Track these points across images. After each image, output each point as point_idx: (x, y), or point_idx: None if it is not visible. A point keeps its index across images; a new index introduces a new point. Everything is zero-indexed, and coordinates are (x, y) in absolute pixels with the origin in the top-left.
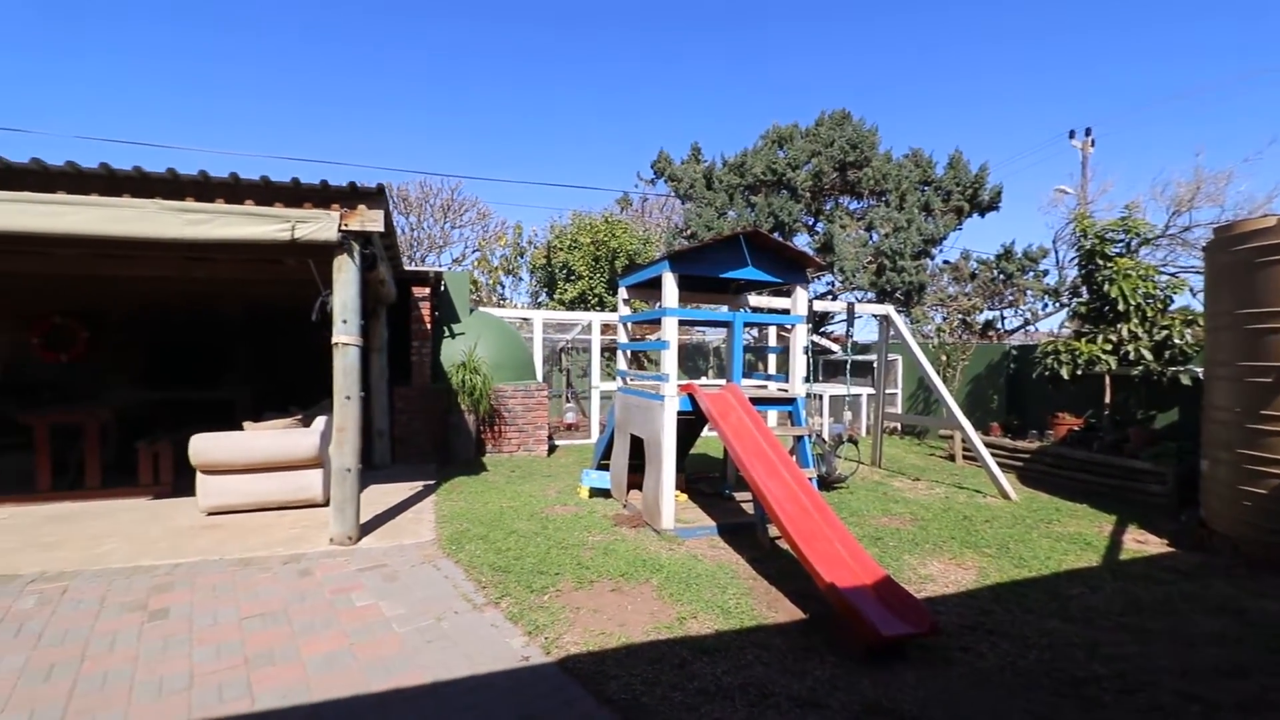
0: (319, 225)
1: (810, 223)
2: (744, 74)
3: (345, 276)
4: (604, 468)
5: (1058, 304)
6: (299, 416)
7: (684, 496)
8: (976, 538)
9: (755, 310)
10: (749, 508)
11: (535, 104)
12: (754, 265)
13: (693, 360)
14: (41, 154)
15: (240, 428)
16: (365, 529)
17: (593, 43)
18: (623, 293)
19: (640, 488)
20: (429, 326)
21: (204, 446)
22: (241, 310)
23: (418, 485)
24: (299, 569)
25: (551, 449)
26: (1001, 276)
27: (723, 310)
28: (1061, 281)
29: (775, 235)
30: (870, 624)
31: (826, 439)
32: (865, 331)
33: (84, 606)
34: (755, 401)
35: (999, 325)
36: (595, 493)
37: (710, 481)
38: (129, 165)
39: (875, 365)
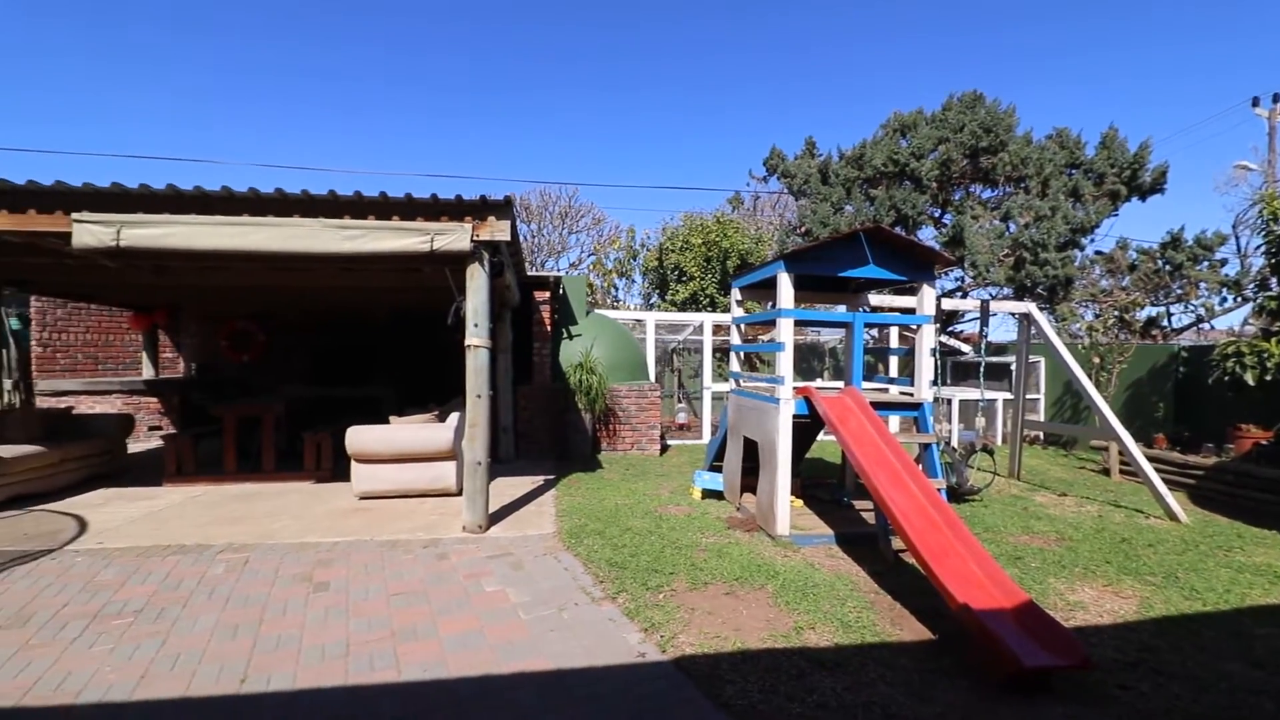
0: (454, 237)
1: (937, 215)
2: (862, 61)
3: (476, 283)
4: (716, 469)
5: (1239, 298)
6: (435, 412)
7: (799, 502)
8: (1137, 563)
9: (876, 310)
10: (870, 517)
11: (648, 106)
12: (875, 263)
13: (807, 361)
14: (228, 182)
15: (386, 422)
16: (494, 519)
17: (701, 35)
18: (736, 294)
19: (754, 491)
20: (549, 328)
21: (357, 438)
22: (388, 315)
23: (539, 479)
24: (436, 553)
25: (664, 449)
26: (1168, 268)
27: (841, 310)
28: (1244, 272)
29: (898, 230)
30: (1010, 652)
31: (956, 447)
32: (1000, 331)
33: (261, 576)
34: (877, 406)
35: (1164, 323)
36: (708, 494)
37: (827, 488)
38: (297, 188)
39: (1013, 368)
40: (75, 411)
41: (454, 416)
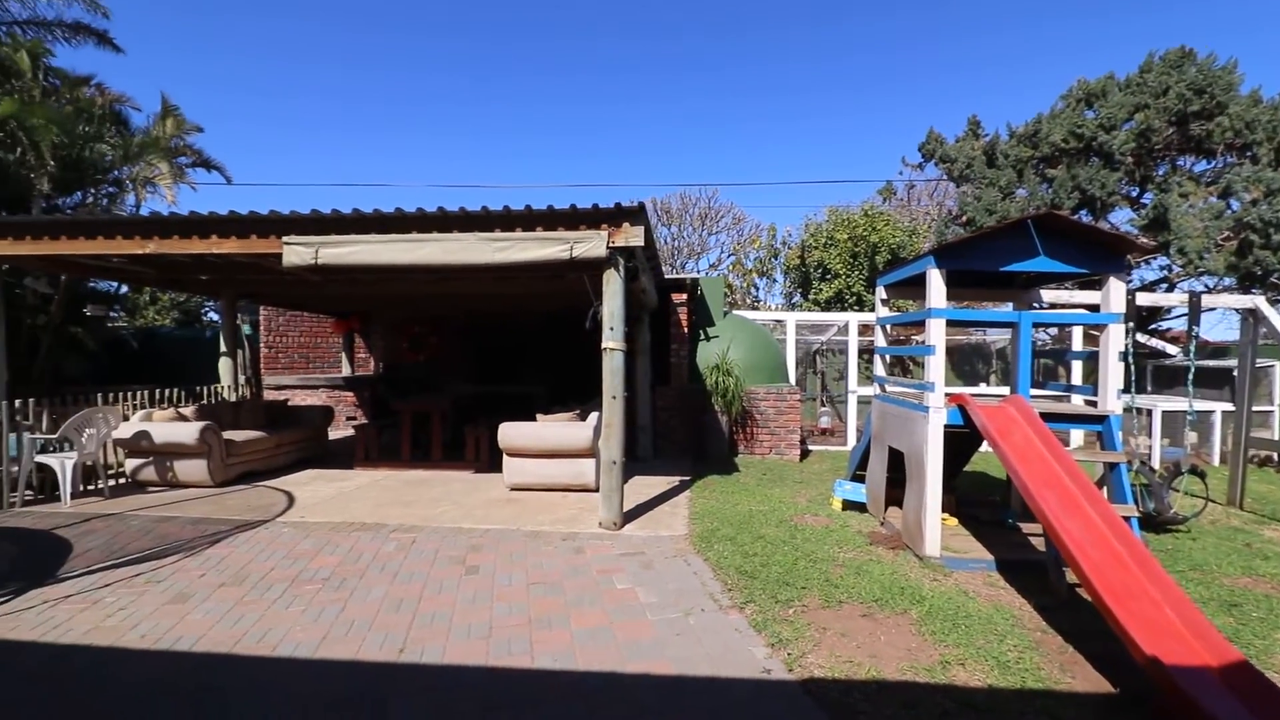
0: (591, 244)
1: (1133, 194)
2: (1034, 27)
3: (612, 288)
4: (859, 479)
5: None
6: (577, 411)
7: (954, 521)
8: None
9: (1052, 308)
10: (1040, 543)
11: (789, 91)
12: (1047, 254)
13: (969, 364)
14: (401, 204)
15: (534, 419)
16: (628, 516)
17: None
18: (881, 292)
19: (900, 505)
20: (686, 330)
21: (507, 433)
22: (539, 319)
23: (674, 480)
24: (573, 546)
25: (804, 454)
26: None
27: (1006, 309)
28: None
29: (1081, 216)
30: None
31: (1157, 467)
32: (1220, 329)
33: (424, 555)
34: (1049, 417)
35: None
36: (849, 505)
37: (989, 506)
38: (456, 206)
39: (1235, 374)
40: (290, 403)
41: (594, 415)
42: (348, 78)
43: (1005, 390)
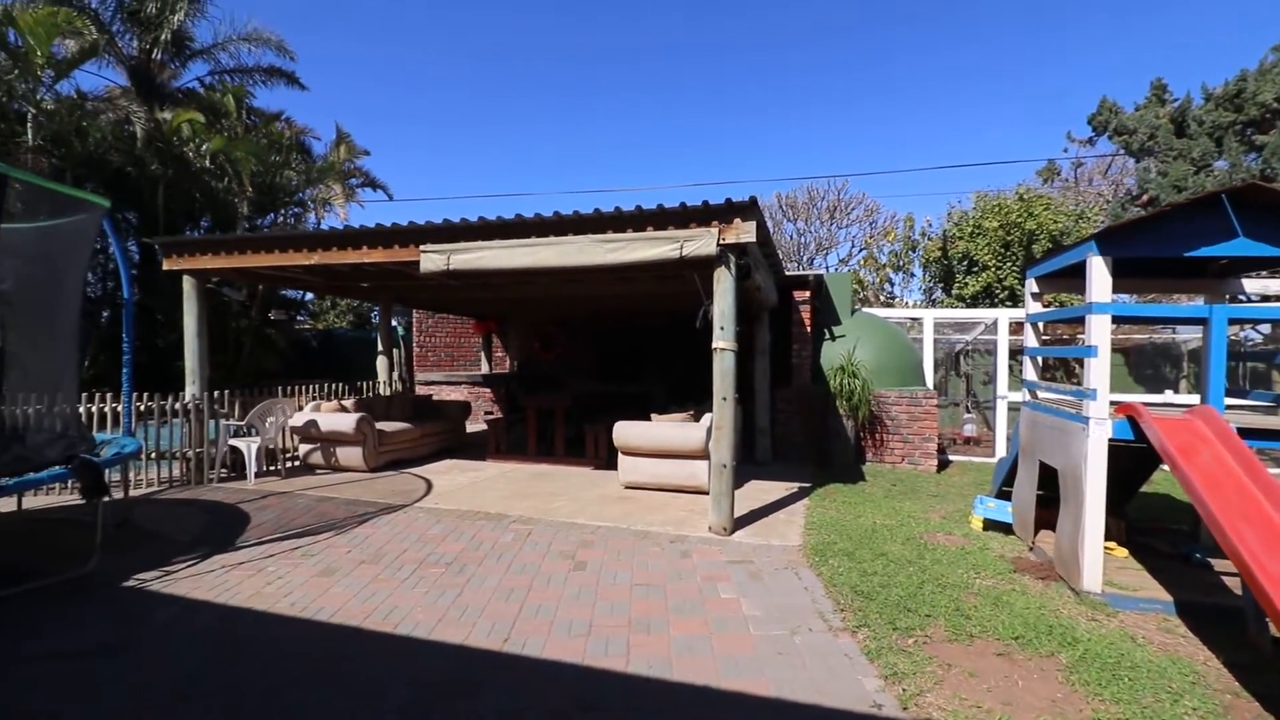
0: (701, 242)
1: None
2: None
3: (723, 287)
4: (1006, 496)
5: None
6: (691, 412)
7: (1122, 552)
8: None
9: (1262, 300)
10: (1236, 584)
11: (929, 75)
12: (1249, 235)
13: (1152, 367)
14: (540, 210)
15: (649, 419)
16: (739, 522)
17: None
18: (1031, 285)
19: (1053, 528)
20: (809, 329)
21: (622, 432)
22: (658, 318)
23: (793, 486)
24: (680, 550)
25: (942, 464)
26: None
27: (1197, 303)
28: None
29: None
30: None
31: None
32: None
33: (538, 548)
34: (1249, 434)
35: None
36: (991, 525)
37: (1169, 536)
38: (590, 207)
39: None
40: (435, 398)
41: (708, 417)
42: (476, 103)
43: (1195, 399)
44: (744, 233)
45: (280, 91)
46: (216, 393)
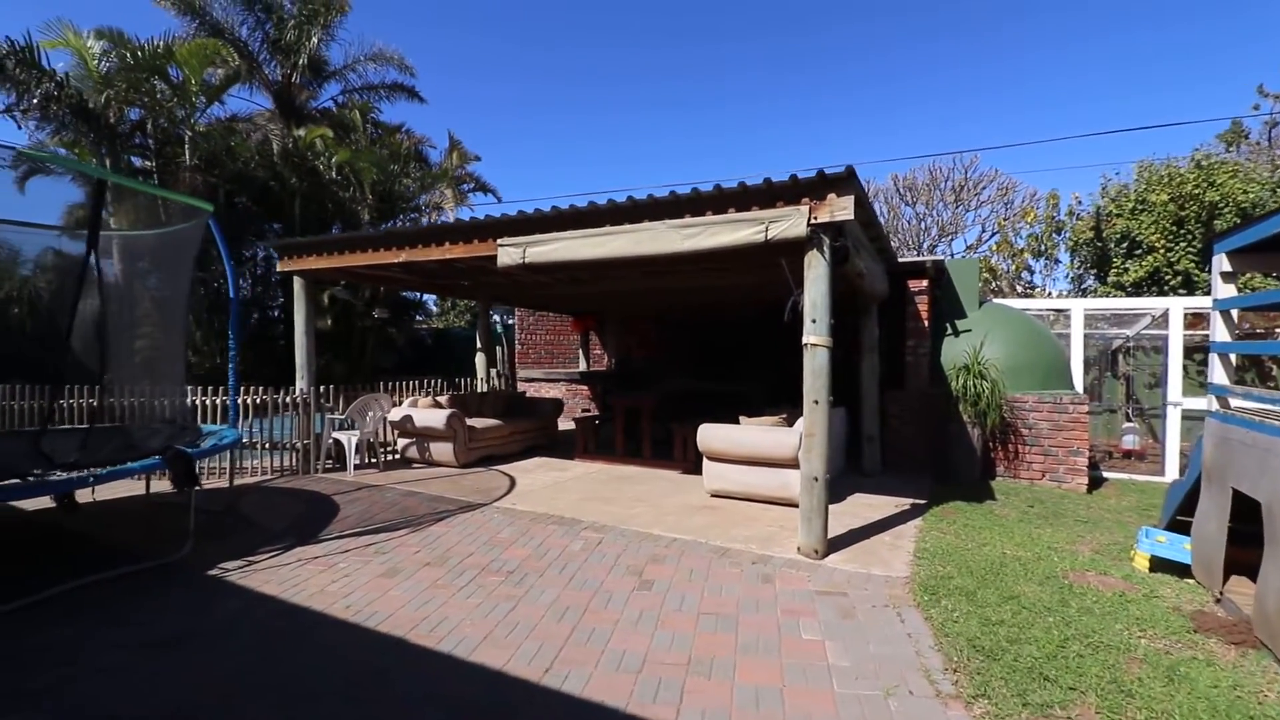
0: (789, 223)
1: None
2: None
3: (815, 273)
4: (1181, 527)
5: None
6: (784, 415)
7: None
8: None
9: None
10: None
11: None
12: None
13: None
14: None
15: (737, 421)
16: (834, 544)
17: None
18: (1222, 263)
19: (1248, 574)
20: (926, 323)
21: (707, 435)
22: (753, 311)
23: (904, 502)
24: (762, 573)
25: (1094, 483)
26: None
27: None
28: None
29: None
30: None
31: None
32: None
33: (605, 560)
34: None
35: None
36: (1161, 564)
37: None
38: (643, 194)
39: None
40: (533, 395)
41: (801, 421)
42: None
43: None
44: (839, 209)
45: (401, 105)
46: (324, 387)
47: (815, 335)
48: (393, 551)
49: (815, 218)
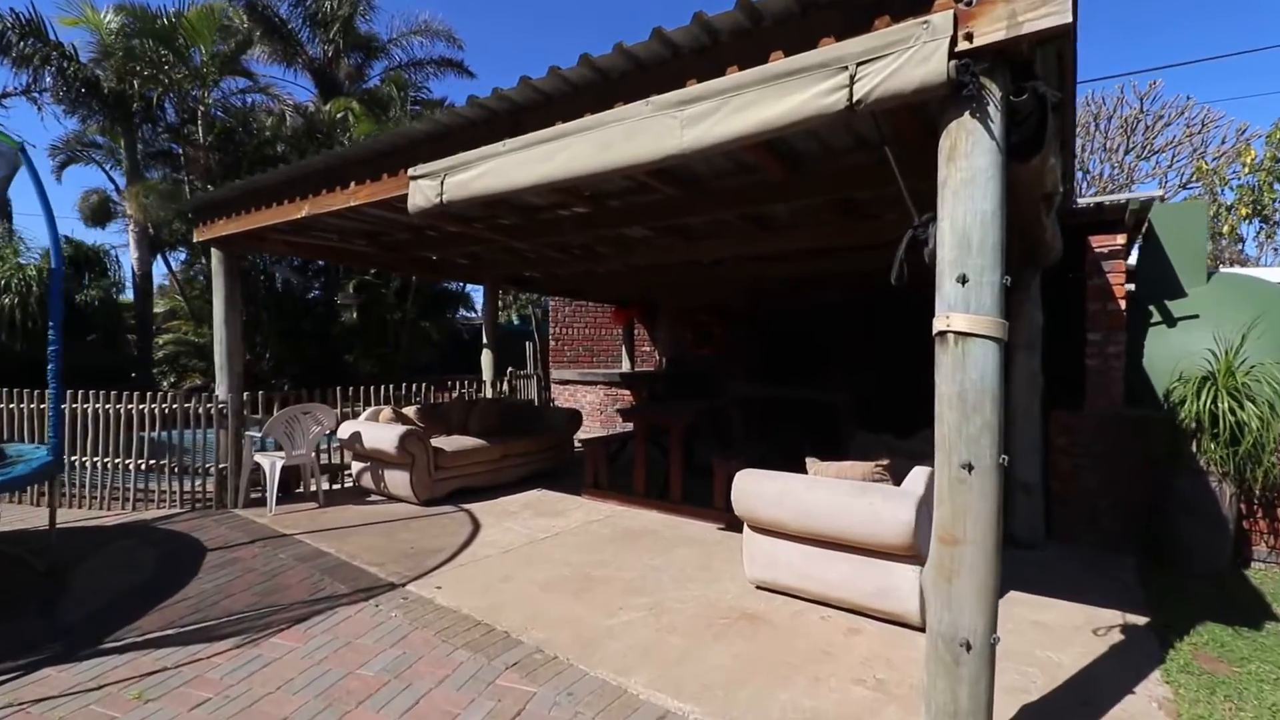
0: (904, 56)
1: None
2: None
3: (964, 172)
4: None
5: None
6: (881, 463)
7: None
8: None
9: None
10: None
11: None
12: None
13: None
14: None
15: (802, 462)
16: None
17: None
18: None
19: None
20: (1121, 305)
21: (750, 490)
22: (840, 295)
23: (1105, 619)
24: None
25: None
26: None
27: None
28: None
29: None
30: None
31: None
32: None
33: None
34: None
35: None
36: None
37: None
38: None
39: None
40: (556, 402)
41: (920, 473)
42: None
43: None
44: (1031, 13)
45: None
46: (247, 394)
47: (965, 311)
48: (182, 689)
49: (969, 35)
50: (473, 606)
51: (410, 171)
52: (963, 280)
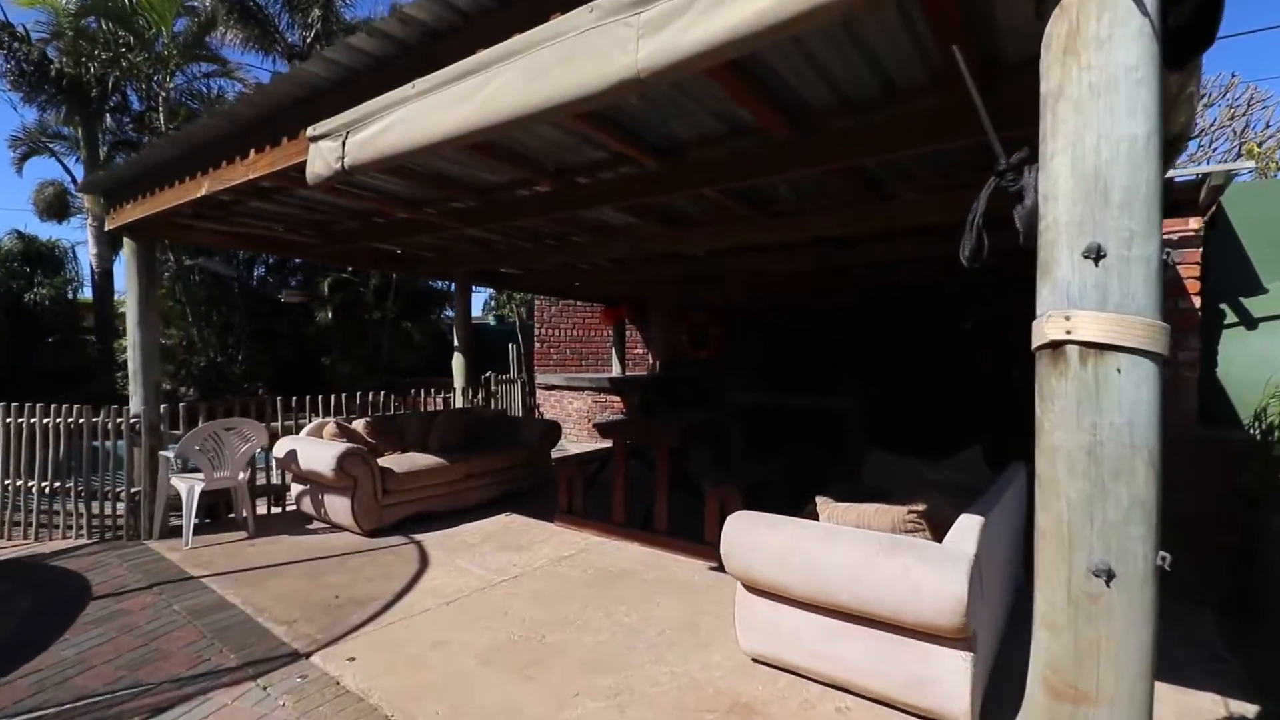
0: None
1: None
2: None
3: (1096, 64)
4: None
5: None
6: (917, 508)
7: None
8: None
9: None
10: None
11: None
12: None
13: None
14: None
15: (811, 503)
16: None
17: None
18: None
19: None
20: (1195, 302)
21: (741, 540)
22: (853, 290)
23: (1195, 698)
24: None
25: None
26: None
27: None
28: None
29: None
30: None
31: None
32: None
33: None
34: None
35: None
36: None
37: None
38: None
39: None
40: (543, 409)
41: (971, 527)
42: None
43: None
44: None
45: None
46: (164, 406)
47: (1100, 306)
48: None
49: None
50: (387, 690)
51: (309, 132)
52: (1095, 255)
